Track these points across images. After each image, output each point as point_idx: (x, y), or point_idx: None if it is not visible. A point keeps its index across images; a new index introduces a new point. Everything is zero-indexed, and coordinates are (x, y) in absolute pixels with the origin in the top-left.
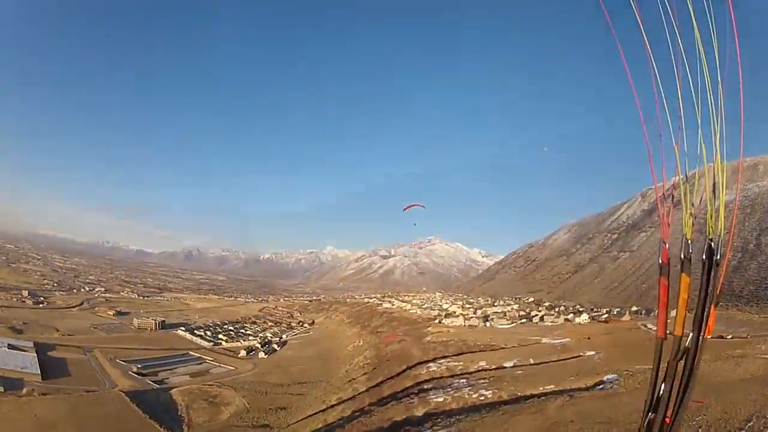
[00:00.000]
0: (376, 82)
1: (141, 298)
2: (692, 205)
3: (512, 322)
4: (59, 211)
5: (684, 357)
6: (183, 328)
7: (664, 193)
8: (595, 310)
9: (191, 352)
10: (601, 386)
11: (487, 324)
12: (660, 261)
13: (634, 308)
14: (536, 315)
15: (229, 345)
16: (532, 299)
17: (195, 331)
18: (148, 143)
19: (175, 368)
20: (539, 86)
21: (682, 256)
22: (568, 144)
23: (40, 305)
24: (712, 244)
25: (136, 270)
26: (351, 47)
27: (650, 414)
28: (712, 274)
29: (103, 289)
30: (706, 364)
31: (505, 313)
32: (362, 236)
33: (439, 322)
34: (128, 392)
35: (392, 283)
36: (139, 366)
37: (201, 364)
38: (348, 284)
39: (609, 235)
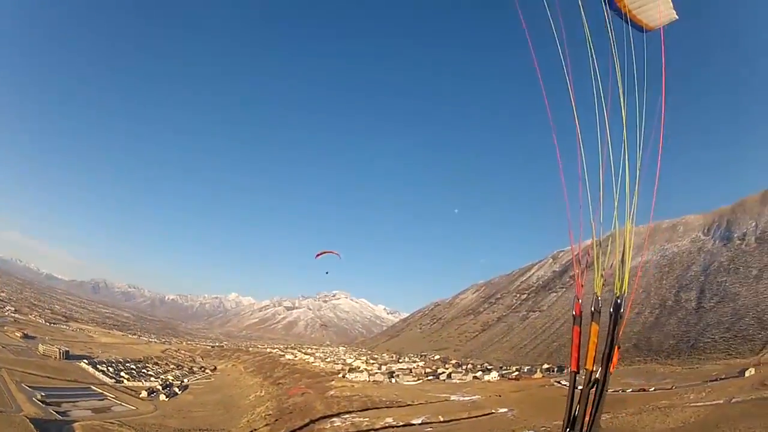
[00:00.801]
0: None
1: (48, 324)
2: (603, 268)
3: (419, 379)
4: None
5: (594, 385)
6: (86, 361)
7: (578, 255)
8: (505, 368)
9: (93, 387)
10: None
11: (393, 380)
12: (573, 313)
13: (546, 366)
14: (443, 372)
15: (130, 384)
16: (438, 357)
17: (98, 366)
18: (67, 164)
19: (78, 401)
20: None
21: (593, 309)
22: (480, 205)
23: None
24: (619, 300)
25: (44, 294)
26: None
27: (567, 430)
28: (618, 323)
29: (13, 309)
30: (632, 417)
31: (411, 369)
32: (266, 283)
33: (343, 377)
34: (33, 419)
35: (295, 335)
36: (43, 394)
37: (103, 400)
38: (251, 332)
39: (518, 295)
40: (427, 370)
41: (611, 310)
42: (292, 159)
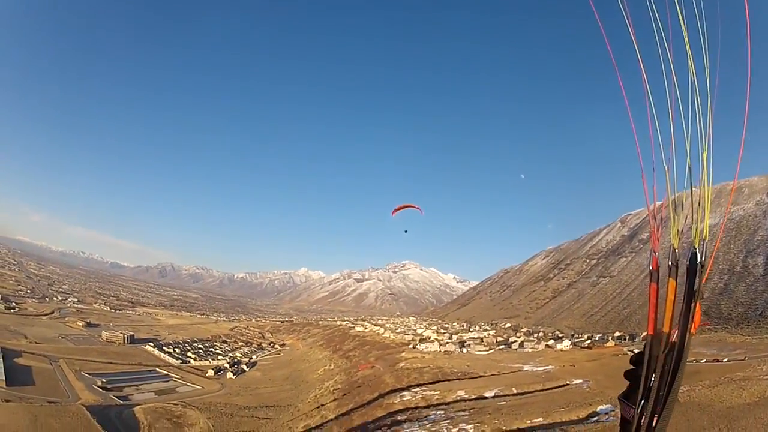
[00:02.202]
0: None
1: (113, 311)
2: (679, 221)
3: (490, 349)
4: (37, 219)
5: (671, 351)
6: (152, 344)
7: (654, 210)
8: (577, 336)
9: (158, 369)
10: (595, 418)
11: (464, 350)
12: (650, 268)
13: (618, 334)
14: (515, 341)
15: (197, 363)
16: (509, 325)
17: (164, 348)
18: (125, 160)
19: (141, 384)
20: (518, 113)
21: (669, 263)
22: (546, 171)
23: (12, 311)
24: (697, 251)
25: (109, 282)
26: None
27: (642, 401)
28: (697, 277)
29: (75, 300)
30: (708, 390)
31: (482, 339)
32: (336, 258)
33: (414, 348)
34: (90, 407)
35: (366, 307)
36: (104, 380)
37: (168, 381)
38: (321, 306)
39: (588, 260)
40: (499, 338)
41: (687, 262)
42: (357, 133)
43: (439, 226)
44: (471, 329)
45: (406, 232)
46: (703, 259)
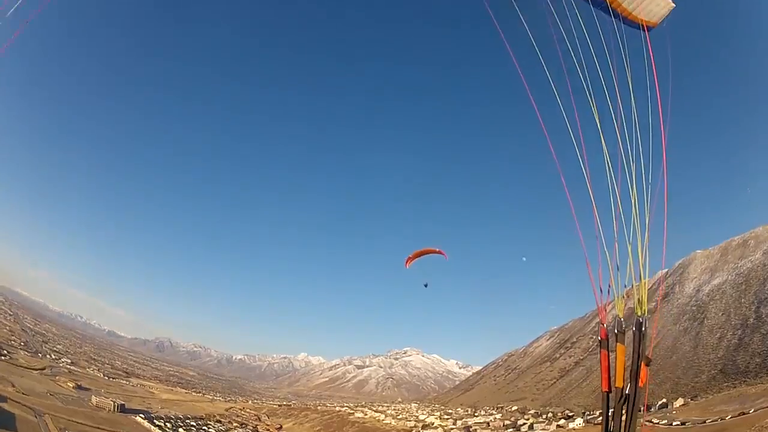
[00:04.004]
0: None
1: (106, 377)
2: (624, 287)
3: None
4: (36, 276)
5: (626, 401)
6: (143, 416)
7: (600, 287)
8: (589, 413)
9: None
10: None
11: None
12: (599, 337)
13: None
14: (524, 423)
15: None
16: (515, 408)
17: (155, 421)
18: (131, 232)
19: None
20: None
21: (616, 331)
22: (546, 252)
23: (2, 357)
24: (640, 319)
25: (105, 350)
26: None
27: None
28: (642, 341)
29: (69, 361)
30: None
31: (488, 423)
32: (336, 344)
33: None
34: None
35: (366, 393)
36: None
37: None
38: (320, 392)
39: (594, 337)
40: (506, 422)
41: (633, 329)
42: (359, 220)
43: (441, 312)
44: (476, 414)
45: (426, 286)
46: (644, 329)
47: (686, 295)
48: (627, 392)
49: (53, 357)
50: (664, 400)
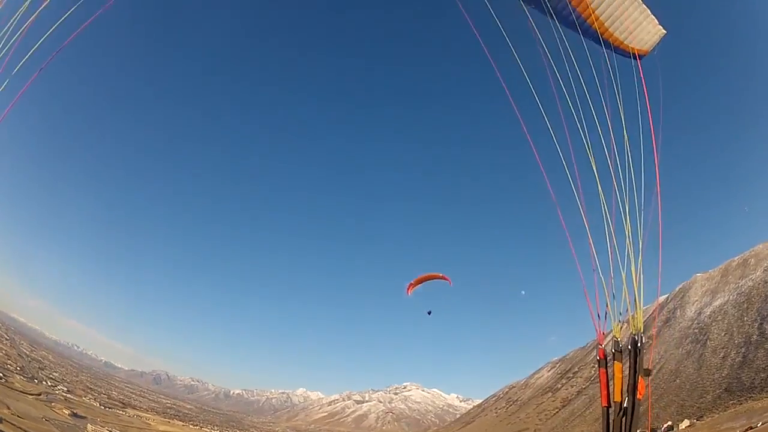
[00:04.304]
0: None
1: (102, 407)
2: (620, 315)
3: None
4: (34, 304)
5: (625, 414)
6: None
7: (597, 312)
8: None
9: None
10: None
11: None
12: (598, 357)
13: (639, 431)
14: None
15: None
16: None
17: None
18: (128, 266)
19: None
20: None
21: (613, 351)
22: (544, 286)
23: None
24: (635, 336)
25: (102, 380)
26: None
27: None
28: (638, 356)
29: (65, 389)
30: None
31: None
32: (335, 379)
33: None
34: None
35: (366, 429)
36: None
37: None
38: (319, 427)
39: (596, 365)
40: None
41: (629, 346)
42: (357, 253)
43: (441, 346)
44: None
45: (429, 313)
46: (640, 343)
47: (688, 318)
48: (625, 406)
49: (49, 384)
50: (670, 422)
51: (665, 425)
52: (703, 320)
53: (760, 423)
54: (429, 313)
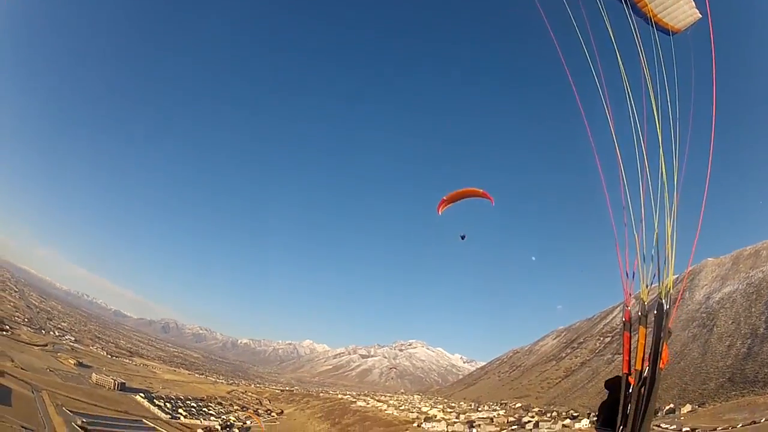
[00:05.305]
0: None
1: (109, 356)
2: (648, 283)
3: (501, 429)
4: (43, 253)
5: (644, 384)
6: (143, 395)
7: (626, 270)
8: (594, 414)
9: (145, 420)
10: None
11: (473, 430)
12: (623, 319)
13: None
14: (529, 421)
15: (187, 421)
16: (519, 405)
17: (155, 400)
18: (138, 214)
19: None
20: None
21: (639, 314)
22: (557, 251)
23: (3, 332)
24: (663, 301)
25: (110, 329)
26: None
27: (621, 428)
28: (663, 322)
29: (72, 339)
30: None
31: (491, 419)
32: (342, 332)
33: (418, 426)
34: None
35: (369, 383)
36: (84, 420)
37: None
38: (323, 379)
39: (602, 338)
40: (510, 418)
41: (655, 311)
42: (372, 209)
43: (448, 305)
44: (479, 409)
45: (463, 238)
46: (668, 307)
47: (696, 301)
48: (645, 375)
49: (57, 334)
50: (671, 405)
51: (667, 407)
52: (711, 306)
53: (764, 419)
54: (462, 237)
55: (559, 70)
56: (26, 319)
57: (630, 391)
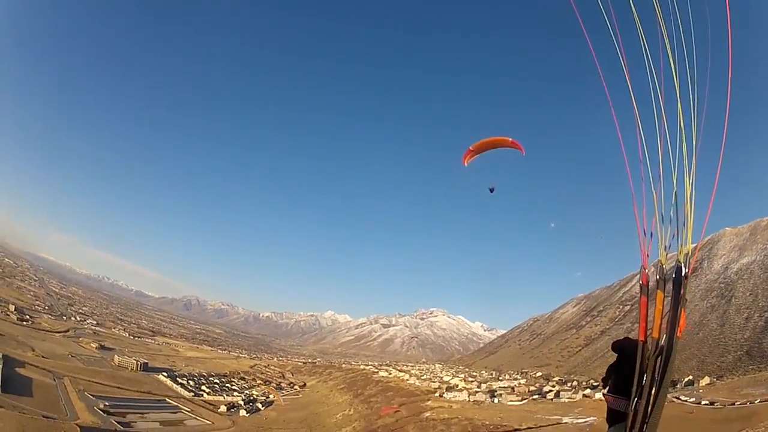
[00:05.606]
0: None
1: (131, 337)
2: (667, 246)
3: (523, 399)
4: (62, 240)
5: (661, 354)
6: (165, 374)
7: (644, 230)
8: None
9: (168, 399)
10: None
11: (495, 400)
12: (641, 282)
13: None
14: (550, 390)
15: (211, 398)
16: (540, 374)
17: (177, 379)
18: (156, 193)
19: (147, 413)
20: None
21: (657, 277)
22: (576, 216)
23: (24, 322)
24: (681, 265)
25: (132, 310)
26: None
27: (636, 399)
28: (682, 287)
29: (94, 322)
30: None
31: (513, 388)
32: (363, 302)
33: (440, 396)
34: (86, 428)
35: (391, 352)
36: (107, 403)
37: (176, 413)
38: (346, 350)
39: (621, 306)
40: (531, 388)
41: (673, 275)
42: (390, 179)
43: (467, 274)
44: (500, 378)
45: (492, 191)
46: (687, 271)
47: (714, 271)
48: (662, 344)
49: (78, 319)
50: (690, 377)
51: (686, 379)
52: (729, 276)
53: None
54: (491, 190)
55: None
56: (47, 307)
57: (647, 360)
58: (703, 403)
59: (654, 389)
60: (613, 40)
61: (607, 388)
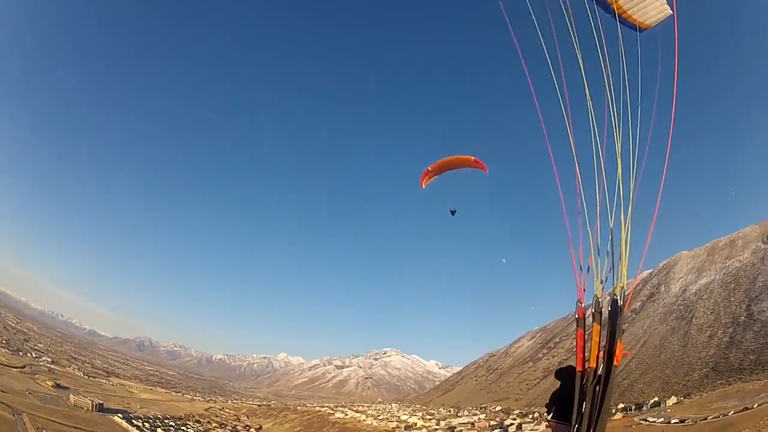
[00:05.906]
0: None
1: (86, 377)
2: (602, 273)
3: None
4: (21, 274)
5: (599, 383)
6: (121, 415)
7: (579, 263)
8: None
9: None
10: None
11: None
12: (576, 316)
13: (621, 405)
14: (512, 423)
15: None
16: (499, 408)
17: (133, 421)
18: (112, 230)
19: None
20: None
21: (593, 310)
22: (525, 254)
23: None
24: (617, 297)
25: (86, 349)
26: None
27: (576, 426)
28: (618, 318)
29: (49, 360)
30: None
31: (473, 423)
32: (316, 344)
33: None
34: None
35: (346, 394)
36: None
37: None
38: (300, 392)
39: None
40: (492, 422)
41: (609, 308)
42: (335, 219)
43: (421, 313)
44: (459, 414)
45: (453, 213)
46: (621, 303)
47: (672, 294)
48: (600, 373)
49: (34, 355)
50: (656, 398)
51: (652, 401)
52: (688, 297)
53: (756, 404)
54: (453, 212)
55: (513, 57)
56: (3, 341)
57: (585, 388)
58: (672, 422)
59: (594, 417)
60: (561, 106)
61: (551, 414)
